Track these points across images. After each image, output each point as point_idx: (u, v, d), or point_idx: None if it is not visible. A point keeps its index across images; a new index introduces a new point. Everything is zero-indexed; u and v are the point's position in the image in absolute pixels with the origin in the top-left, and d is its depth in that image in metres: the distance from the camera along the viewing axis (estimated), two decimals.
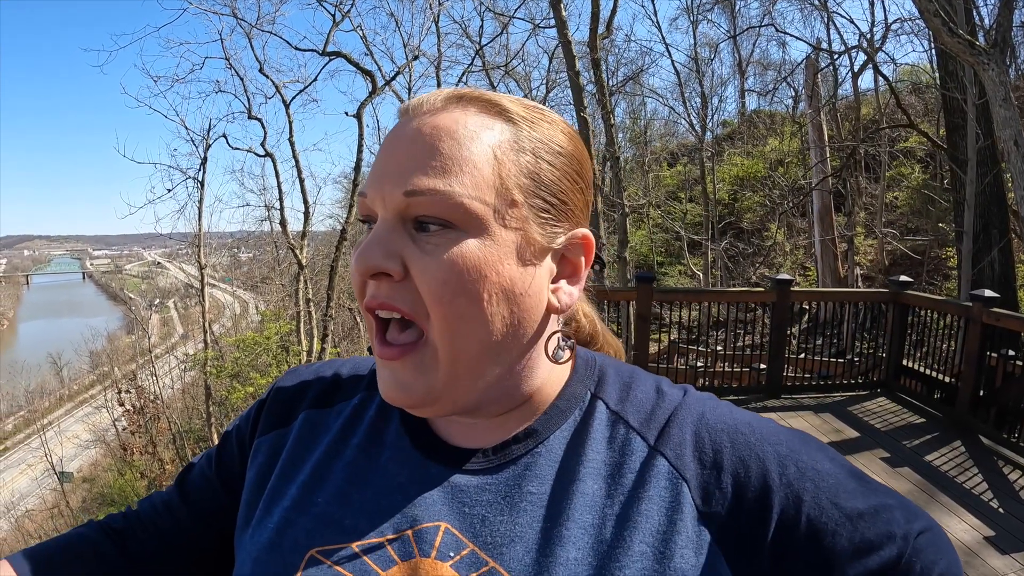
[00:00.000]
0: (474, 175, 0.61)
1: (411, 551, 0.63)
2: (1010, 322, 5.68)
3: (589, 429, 0.67)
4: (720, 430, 0.66)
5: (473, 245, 0.60)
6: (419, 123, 0.63)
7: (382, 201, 0.63)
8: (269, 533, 0.68)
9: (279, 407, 0.79)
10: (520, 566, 0.60)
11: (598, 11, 12.06)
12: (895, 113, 17.40)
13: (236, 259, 43.82)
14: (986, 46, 6.67)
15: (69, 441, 30.36)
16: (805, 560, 0.62)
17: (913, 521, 0.65)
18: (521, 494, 0.64)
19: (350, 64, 18.78)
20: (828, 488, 0.64)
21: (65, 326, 63.32)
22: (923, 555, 0.63)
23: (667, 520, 0.61)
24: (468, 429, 0.70)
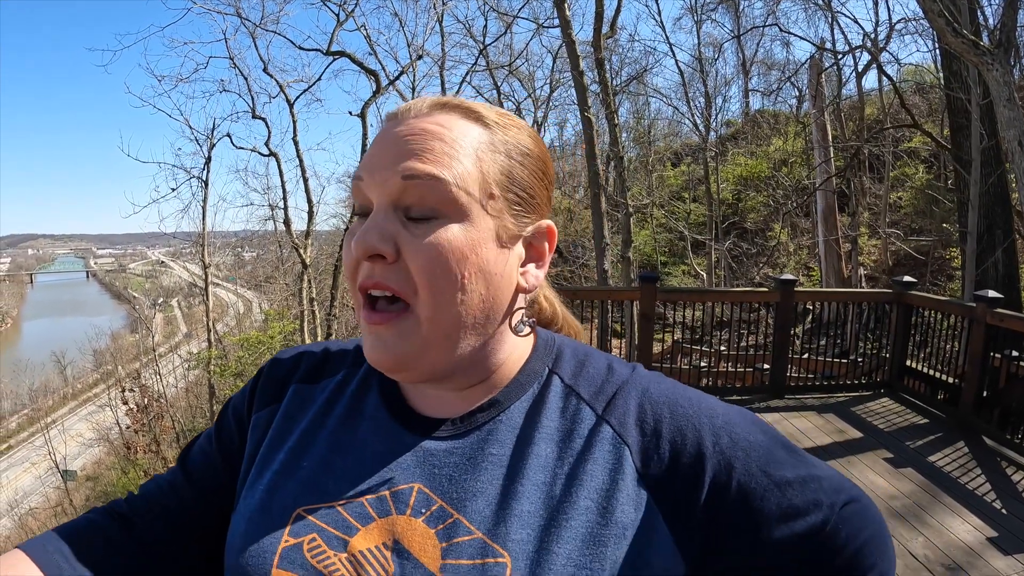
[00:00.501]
0: (461, 169, 0.69)
1: (388, 509, 0.70)
2: (1014, 323, 5.67)
3: (545, 400, 0.76)
4: (661, 402, 0.74)
5: (458, 230, 0.68)
6: (410, 124, 0.72)
7: (379, 185, 0.70)
8: (260, 495, 0.75)
9: (273, 384, 0.87)
10: (480, 517, 0.68)
11: (602, 11, 12.08)
12: (899, 113, 17.40)
13: (240, 258, 43.85)
14: (990, 46, 6.66)
15: (73, 439, 30.43)
16: (735, 522, 0.69)
17: (840, 492, 0.73)
18: (484, 456, 0.72)
19: (354, 64, 18.83)
20: (759, 457, 0.71)
21: (69, 325, 63.46)
22: (849, 523, 0.71)
23: (610, 480, 0.69)
24: (438, 401, 0.77)
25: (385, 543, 0.68)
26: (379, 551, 0.68)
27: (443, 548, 0.67)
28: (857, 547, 0.72)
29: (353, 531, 0.70)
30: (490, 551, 0.65)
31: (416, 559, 0.67)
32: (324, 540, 0.69)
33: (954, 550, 3.92)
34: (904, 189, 19.71)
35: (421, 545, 0.67)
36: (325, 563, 0.68)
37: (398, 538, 0.68)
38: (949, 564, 3.77)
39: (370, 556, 0.68)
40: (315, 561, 0.68)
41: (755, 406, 6.78)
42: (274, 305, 29.20)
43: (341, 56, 18.79)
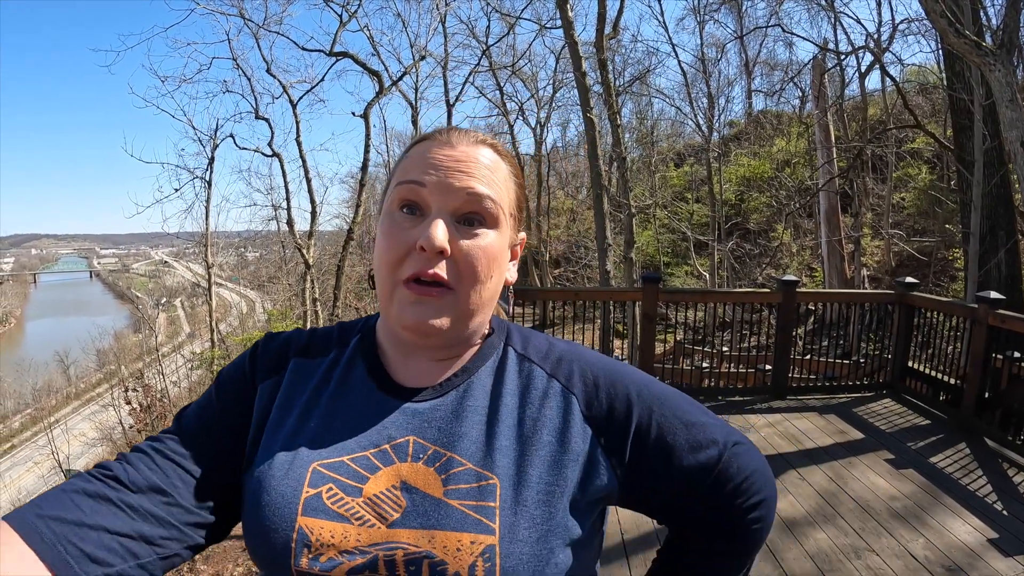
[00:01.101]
0: (502, 194, 0.93)
1: (391, 459, 0.87)
2: (1016, 324, 5.67)
3: (505, 365, 0.96)
4: (597, 365, 0.96)
5: (495, 237, 0.91)
6: (466, 150, 0.92)
7: (443, 195, 0.89)
8: (277, 455, 0.89)
9: (272, 357, 1.01)
10: (469, 453, 0.86)
11: (604, 12, 12.09)
12: (902, 114, 17.39)
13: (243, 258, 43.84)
14: (992, 47, 6.65)
15: (76, 439, 30.48)
16: (653, 452, 0.91)
17: (732, 435, 0.96)
18: (463, 408, 0.91)
19: (357, 64, 18.83)
20: (671, 405, 0.94)
21: (72, 325, 63.54)
22: (738, 458, 0.95)
23: (563, 419, 0.90)
24: (418, 372, 0.95)
25: (394, 485, 0.84)
26: (390, 492, 0.84)
27: (443, 479, 0.84)
28: (745, 476, 0.94)
29: (364, 479, 0.85)
30: (482, 476, 0.84)
31: (423, 492, 0.83)
32: (340, 489, 0.84)
33: (955, 551, 3.92)
34: (907, 190, 19.69)
35: (425, 481, 0.84)
36: (345, 507, 0.83)
37: (404, 479, 0.85)
38: (949, 565, 3.77)
39: (384, 496, 0.84)
40: (336, 506, 0.83)
41: (757, 407, 6.79)
42: (277, 305, 29.22)
43: (344, 57, 18.80)
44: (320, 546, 0.80)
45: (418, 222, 0.88)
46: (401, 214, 0.90)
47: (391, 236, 0.89)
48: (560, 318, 20.67)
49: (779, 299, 7.17)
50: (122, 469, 0.86)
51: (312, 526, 0.81)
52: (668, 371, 7.84)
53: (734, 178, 24.72)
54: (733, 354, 8.57)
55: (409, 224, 0.89)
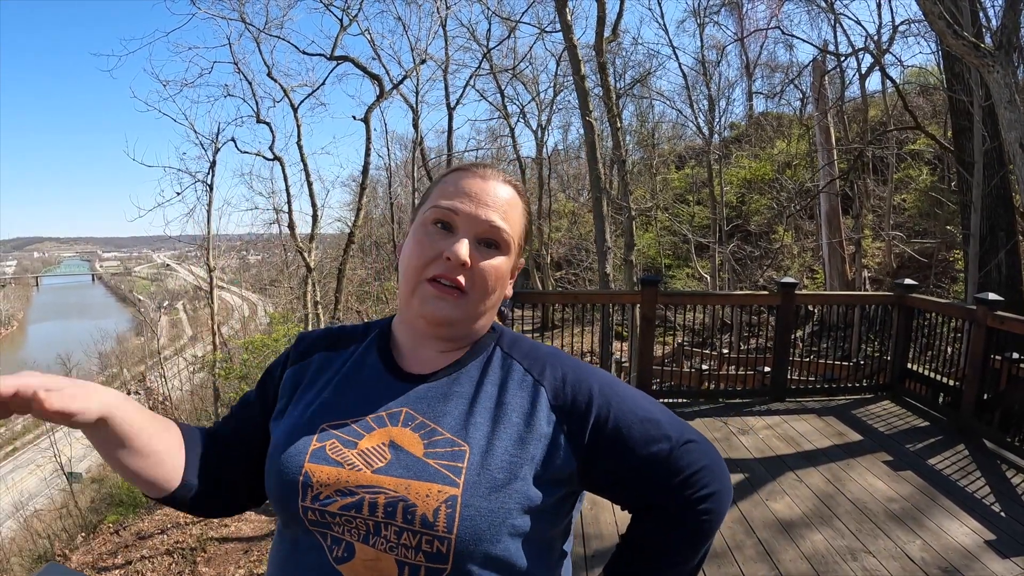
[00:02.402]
0: (516, 228, 1.14)
1: (385, 423, 1.06)
2: (1014, 325, 5.66)
3: (492, 361, 1.14)
4: (568, 366, 1.12)
5: (503, 261, 1.12)
6: (494, 185, 1.13)
7: (471, 223, 1.09)
8: (297, 416, 1.12)
9: (299, 350, 1.25)
10: (449, 426, 1.04)
11: (604, 15, 12.09)
12: (902, 115, 17.38)
13: (245, 261, 43.85)
14: (991, 48, 6.65)
15: (78, 441, 30.36)
16: (610, 440, 1.05)
17: (686, 433, 1.09)
18: (451, 393, 1.09)
19: (358, 68, 18.84)
20: (629, 401, 1.09)
21: (74, 327, 63.55)
22: (689, 454, 1.07)
23: (531, 405, 1.06)
24: (421, 361, 1.15)
25: (383, 443, 1.04)
26: (379, 447, 1.03)
27: (425, 444, 1.02)
28: (695, 471, 1.06)
29: (360, 436, 1.05)
30: (456, 444, 1.02)
31: (407, 450, 1.02)
32: (341, 443, 1.04)
33: (952, 553, 3.92)
34: (908, 191, 19.68)
35: (410, 442, 1.03)
36: (341, 456, 1.03)
37: (393, 439, 1.04)
38: (946, 567, 3.76)
39: (373, 450, 1.03)
40: (334, 455, 1.03)
41: (756, 409, 6.78)
42: (279, 308, 29.23)
43: (345, 61, 18.81)
44: (320, 486, 1.00)
45: (447, 236, 1.09)
46: (435, 228, 1.10)
47: (424, 244, 1.09)
48: (561, 320, 20.69)
49: (778, 301, 7.16)
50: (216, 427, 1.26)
51: (314, 470, 1.02)
52: (668, 373, 7.85)
53: (735, 180, 24.72)
54: (733, 356, 8.56)
55: (440, 237, 1.09)
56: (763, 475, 5.12)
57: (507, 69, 25.29)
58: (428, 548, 0.96)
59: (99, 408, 0.96)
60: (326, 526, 1.01)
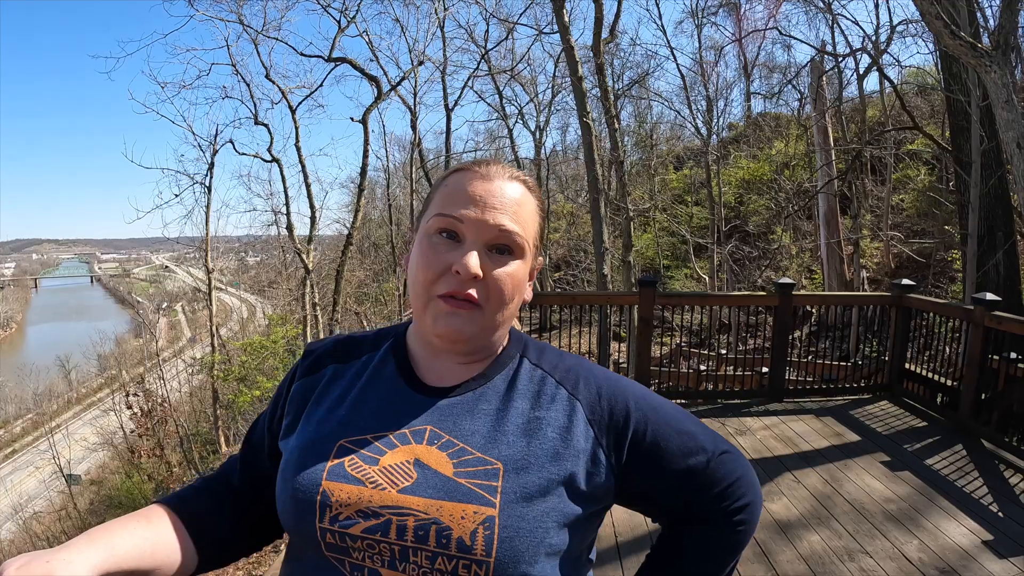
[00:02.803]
0: (529, 229, 1.05)
1: (408, 440, 0.99)
2: (1012, 325, 5.66)
3: (519, 373, 1.08)
4: (601, 378, 1.08)
5: (519, 266, 1.03)
6: (500, 184, 1.03)
7: (478, 229, 1.00)
8: (310, 432, 1.04)
9: (308, 362, 1.17)
10: (478, 445, 0.98)
11: (602, 16, 12.10)
12: (900, 115, 17.38)
13: (243, 263, 43.86)
14: (988, 48, 6.65)
15: (77, 444, 30.46)
16: (648, 455, 1.02)
17: (720, 444, 1.08)
18: (477, 408, 1.03)
19: (356, 70, 18.85)
20: (665, 415, 1.06)
21: (73, 329, 63.61)
22: (724, 466, 1.06)
23: (567, 420, 1.01)
24: (442, 373, 1.07)
25: (407, 460, 0.97)
26: (404, 464, 0.97)
27: (454, 463, 0.96)
28: (730, 482, 1.06)
29: (382, 453, 0.98)
30: (488, 462, 0.96)
31: (435, 469, 0.95)
32: (361, 459, 0.97)
33: (949, 553, 3.92)
34: (906, 191, 19.68)
35: (437, 462, 0.96)
36: (362, 473, 0.96)
37: (418, 457, 0.97)
38: (944, 568, 3.76)
39: (397, 468, 0.96)
40: (354, 472, 0.96)
41: (753, 410, 6.78)
42: (277, 310, 29.24)
43: (343, 62, 18.83)
44: (339, 506, 0.94)
45: (454, 247, 1.00)
46: (439, 238, 1.01)
47: (429, 256, 1.01)
48: (559, 321, 20.70)
49: (776, 302, 7.16)
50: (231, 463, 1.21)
51: (333, 488, 0.95)
52: (665, 375, 7.84)
53: (733, 181, 24.72)
54: (731, 357, 8.55)
55: (446, 248, 1.00)
56: (760, 476, 5.10)
57: (505, 70, 25.29)
58: (465, 573, 0.91)
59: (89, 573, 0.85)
60: (345, 551, 0.94)
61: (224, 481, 1.17)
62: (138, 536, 0.96)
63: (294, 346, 19.97)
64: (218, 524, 1.10)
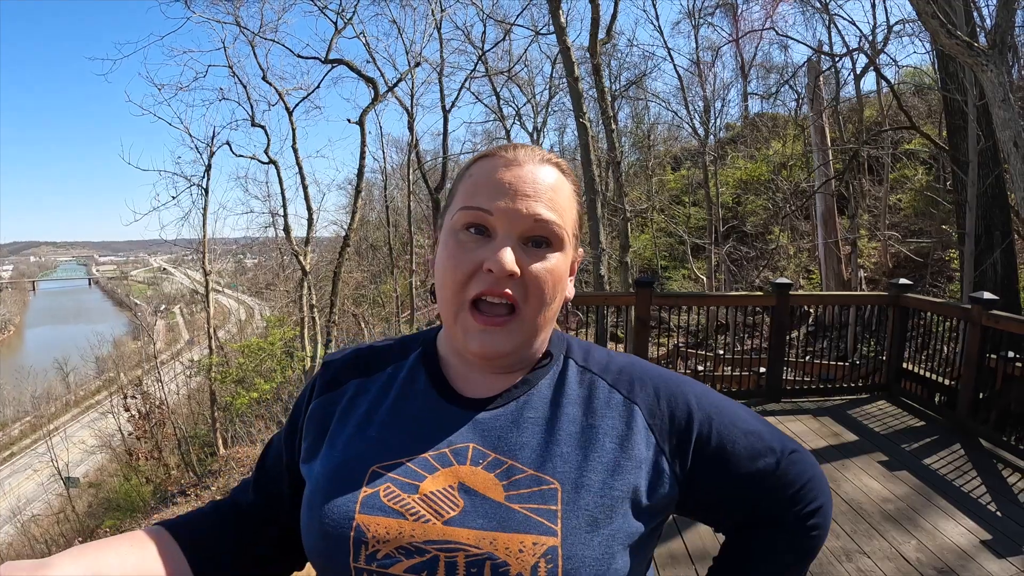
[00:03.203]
0: (567, 216, 0.94)
1: (450, 461, 0.89)
2: (1009, 324, 5.66)
3: (566, 377, 0.98)
4: (655, 376, 0.98)
5: (559, 259, 0.93)
6: (532, 169, 0.93)
7: (510, 221, 0.90)
8: (338, 457, 0.93)
9: (327, 378, 1.05)
10: (529, 461, 0.88)
11: (598, 17, 12.09)
12: (898, 115, 17.38)
13: (241, 265, 43.84)
14: (985, 47, 6.65)
15: (75, 446, 30.40)
16: (714, 460, 0.93)
17: (788, 443, 1.00)
18: (523, 419, 0.92)
19: (352, 71, 18.83)
20: (729, 414, 0.97)
21: (71, 332, 63.49)
22: (795, 466, 0.98)
23: (626, 427, 0.91)
24: (479, 383, 0.97)
25: (451, 485, 0.86)
26: (447, 491, 0.86)
27: (504, 485, 0.86)
28: (802, 484, 0.98)
29: (421, 478, 0.87)
30: (543, 481, 0.86)
31: (483, 495, 0.85)
32: (397, 487, 0.86)
33: (947, 553, 3.91)
34: (903, 191, 19.69)
35: (485, 485, 0.86)
36: (401, 503, 0.85)
37: (463, 481, 0.87)
38: (942, 568, 3.75)
39: (440, 495, 0.86)
40: (392, 503, 0.85)
41: None
42: (275, 311, 29.19)
43: (339, 64, 18.81)
44: (376, 543, 0.83)
45: (484, 242, 0.90)
46: (467, 234, 0.92)
47: (457, 256, 0.91)
48: None
49: (773, 302, 7.15)
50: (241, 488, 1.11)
51: (368, 523, 0.84)
52: None
53: (731, 181, 24.73)
54: (728, 357, 8.55)
55: (475, 244, 0.91)
56: None
57: (502, 71, 25.26)
58: None
59: None
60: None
61: (234, 506, 1.07)
62: (127, 559, 0.89)
63: (292, 348, 19.96)
64: (221, 551, 1.01)
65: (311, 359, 18.82)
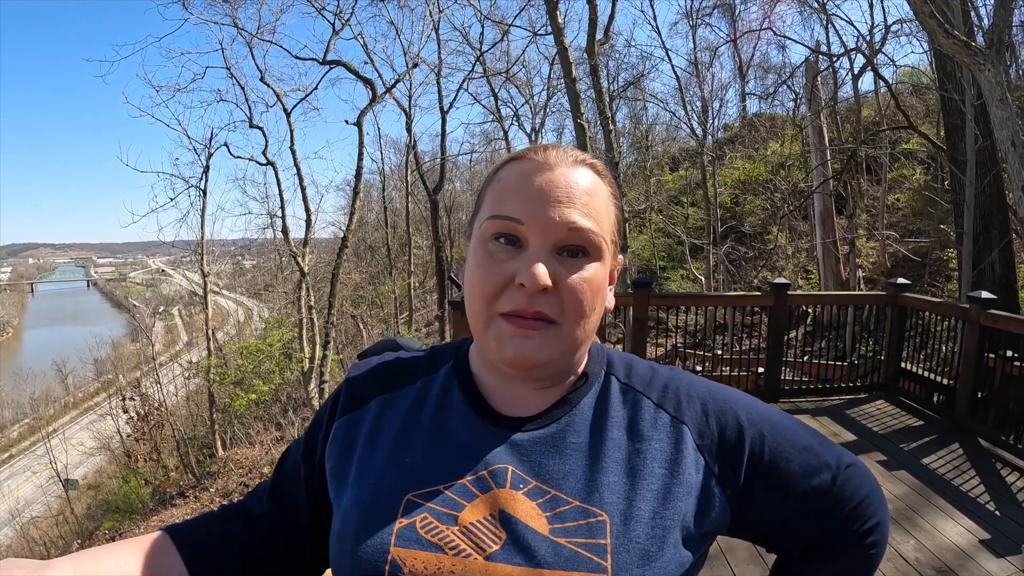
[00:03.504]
0: (604, 222, 0.87)
1: (489, 485, 0.83)
2: (1007, 324, 5.67)
3: (608, 396, 0.91)
4: (703, 391, 0.92)
5: (598, 268, 0.86)
6: (565, 172, 0.86)
7: (542, 230, 0.83)
8: (370, 488, 0.86)
9: (350, 395, 0.99)
10: (574, 491, 0.82)
11: (596, 17, 12.08)
12: (895, 115, 17.38)
13: (240, 266, 43.84)
14: (982, 46, 6.65)
15: (74, 448, 30.36)
16: (768, 479, 0.88)
17: (844, 457, 0.94)
18: (565, 443, 0.86)
19: (350, 72, 18.83)
20: (782, 429, 0.91)
21: (70, 334, 63.47)
22: (851, 481, 0.93)
23: (675, 450, 0.86)
24: (517, 400, 0.91)
25: (492, 514, 0.81)
26: (488, 521, 0.80)
27: (548, 516, 0.80)
28: (860, 500, 0.93)
29: (460, 507, 0.82)
30: (590, 513, 0.80)
31: (526, 524, 0.80)
32: (435, 517, 0.81)
33: (946, 553, 3.91)
34: (901, 191, 19.69)
35: (527, 514, 0.80)
36: (439, 536, 0.80)
37: (503, 508, 0.81)
38: (940, 567, 3.75)
39: (480, 526, 0.80)
40: (429, 536, 0.80)
41: None
42: (274, 312, 29.21)
43: (337, 65, 18.81)
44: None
45: (516, 253, 0.84)
46: (497, 244, 0.85)
47: (487, 267, 0.85)
48: None
49: (771, 302, 7.16)
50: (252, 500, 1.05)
51: (405, 557, 0.79)
52: None
53: (729, 181, 24.74)
54: (726, 357, 8.55)
55: (506, 255, 0.84)
56: None
57: (500, 72, 25.28)
58: None
59: None
60: None
61: (244, 513, 1.02)
62: (126, 565, 0.87)
63: (290, 349, 19.96)
64: (223, 560, 0.97)
65: (309, 360, 18.83)
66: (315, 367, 18.14)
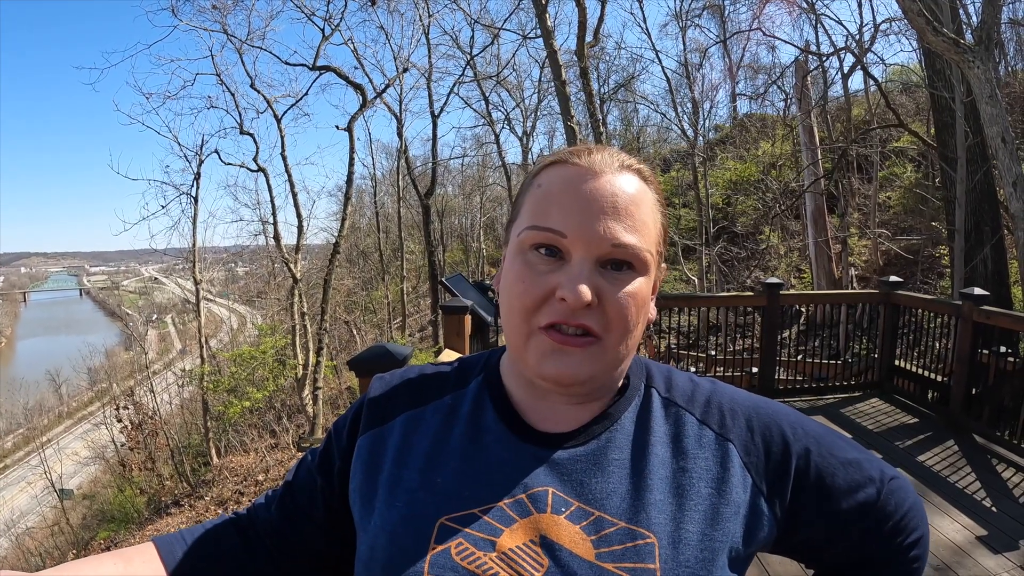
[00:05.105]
0: (650, 235, 0.83)
1: (528, 510, 0.79)
2: (1000, 319, 5.67)
3: (650, 410, 0.89)
4: (747, 406, 0.90)
5: (642, 282, 0.82)
6: (610, 179, 0.82)
7: (585, 244, 0.79)
8: (400, 511, 0.82)
9: (375, 410, 0.95)
10: (619, 511, 0.79)
11: (585, 20, 12.07)
12: (886, 113, 17.44)
13: (233, 273, 43.74)
14: (971, 44, 6.67)
15: (68, 458, 30.27)
16: (813, 495, 0.86)
17: (886, 470, 0.92)
18: (607, 460, 0.83)
19: (340, 78, 18.80)
20: (826, 443, 0.89)
21: (63, 343, 63.25)
22: (895, 495, 0.90)
23: (721, 468, 0.83)
24: (554, 415, 0.87)
25: (532, 540, 0.77)
26: (528, 547, 0.77)
27: (593, 540, 0.76)
28: (903, 514, 0.91)
29: (498, 532, 0.78)
30: (638, 535, 0.77)
31: (570, 551, 0.76)
32: (471, 543, 0.77)
33: (943, 550, 3.90)
34: (892, 189, 19.74)
35: (571, 539, 0.77)
36: (476, 563, 0.75)
37: (545, 534, 0.77)
38: (937, 565, 3.74)
39: (521, 552, 0.76)
40: (465, 563, 0.75)
41: None
42: (267, 319, 29.15)
43: (327, 71, 18.77)
44: None
45: (557, 265, 0.81)
46: (537, 255, 0.82)
47: (526, 279, 0.81)
48: None
49: (764, 302, 7.16)
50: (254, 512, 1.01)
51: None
52: None
53: (720, 182, 24.76)
54: (720, 357, 8.54)
55: (547, 267, 0.81)
56: None
57: (491, 76, 25.27)
58: None
59: None
60: None
61: (244, 521, 0.99)
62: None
63: (283, 356, 19.89)
64: (208, 566, 0.94)
65: (303, 367, 18.78)
66: (309, 373, 18.10)
